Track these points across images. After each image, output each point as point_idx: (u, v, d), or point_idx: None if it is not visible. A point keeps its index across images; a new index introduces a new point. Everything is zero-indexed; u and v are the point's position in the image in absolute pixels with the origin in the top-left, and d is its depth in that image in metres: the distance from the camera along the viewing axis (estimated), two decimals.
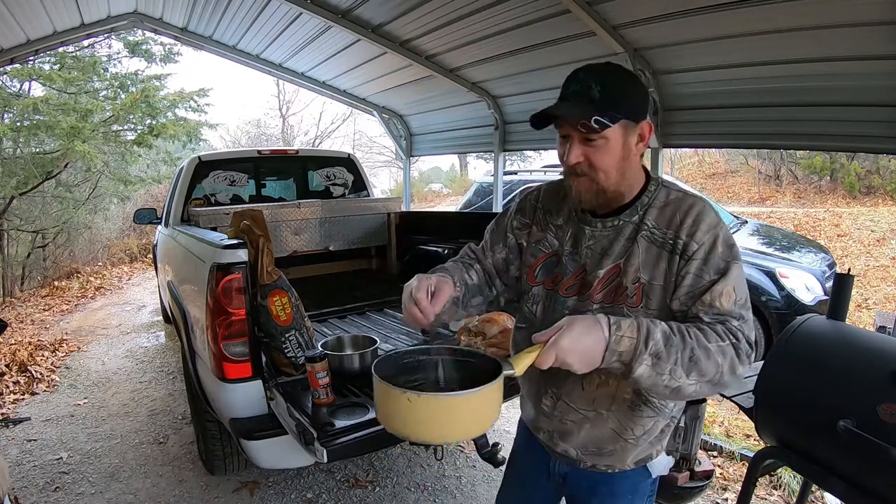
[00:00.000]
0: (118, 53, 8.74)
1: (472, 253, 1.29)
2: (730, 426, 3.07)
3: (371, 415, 1.65)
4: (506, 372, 0.93)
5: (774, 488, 2.51)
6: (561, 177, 1.14)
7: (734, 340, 0.93)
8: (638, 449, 1.13)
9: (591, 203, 1.05)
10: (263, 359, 1.97)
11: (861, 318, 5.49)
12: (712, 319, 0.95)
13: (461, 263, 1.25)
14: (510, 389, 1.41)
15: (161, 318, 5.76)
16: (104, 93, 8.67)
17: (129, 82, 8.58)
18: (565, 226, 1.14)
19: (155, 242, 5.20)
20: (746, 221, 5.27)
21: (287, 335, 1.95)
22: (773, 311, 3.79)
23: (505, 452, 1.82)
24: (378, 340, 2.05)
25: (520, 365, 0.92)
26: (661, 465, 1.19)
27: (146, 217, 4.88)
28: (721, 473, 2.63)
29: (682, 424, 1.84)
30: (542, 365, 0.88)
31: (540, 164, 8.49)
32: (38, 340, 4.99)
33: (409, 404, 0.89)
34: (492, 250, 1.26)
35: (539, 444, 1.25)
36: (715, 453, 2.82)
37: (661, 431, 1.15)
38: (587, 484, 1.20)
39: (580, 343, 0.87)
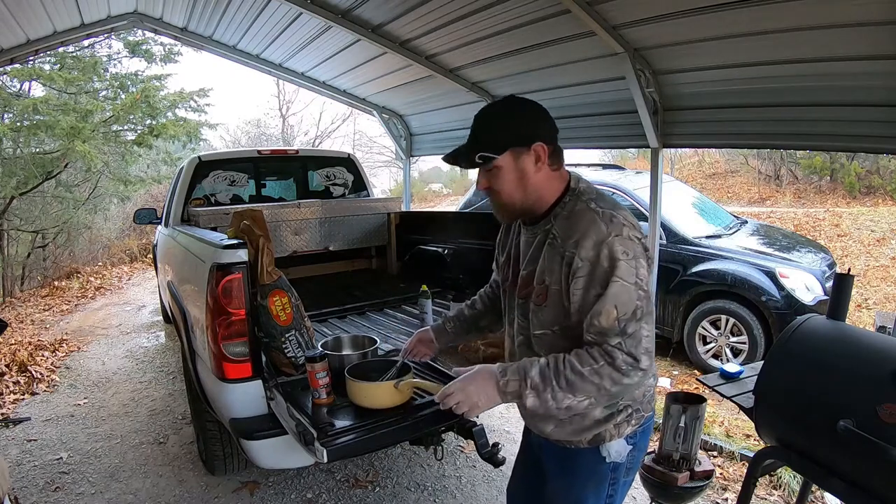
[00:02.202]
0: (118, 53, 8.75)
1: (489, 283, 1.59)
2: (730, 426, 3.07)
3: (371, 415, 1.65)
4: (399, 379, 1.58)
5: (774, 488, 2.51)
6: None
7: (609, 360, 1.05)
8: (578, 425, 1.22)
9: (506, 218, 1.27)
10: (263, 359, 1.97)
11: (861, 318, 5.49)
12: (593, 339, 1.09)
13: (470, 301, 1.60)
14: None
15: (161, 318, 5.76)
16: (104, 93, 8.68)
17: (129, 82, 8.58)
18: (517, 232, 1.32)
19: (155, 242, 5.20)
20: (746, 221, 5.27)
21: (287, 335, 1.95)
22: (773, 311, 3.79)
23: (505, 452, 1.83)
24: (378, 340, 2.04)
25: (418, 382, 1.59)
26: (615, 450, 1.23)
27: (146, 217, 4.88)
28: (721, 473, 2.63)
29: (682, 424, 1.85)
30: (459, 409, 1.15)
31: None
32: (38, 340, 5.00)
33: (351, 385, 1.63)
34: (496, 269, 1.50)
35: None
36: (715, 453, 2.82)
37: (609, 414, 1.21)
38: (555, 457, 1.31)
39: (476, 389, 1.14)
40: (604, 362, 1.05)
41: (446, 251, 3.34)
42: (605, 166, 6.41)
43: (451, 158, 1.23)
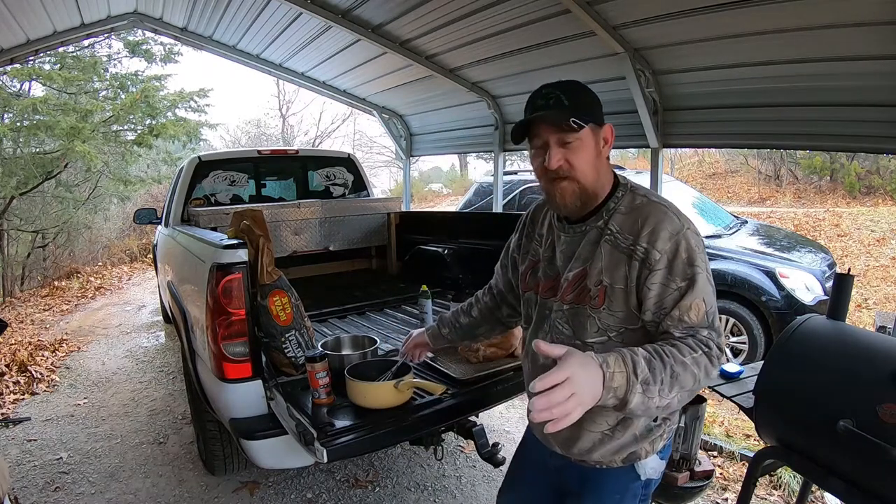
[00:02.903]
0: (118, 53, 8.75)
1: (486, 289, 1.52)
2: (730, 426, 3.07)
3: (371, 415, 1.65)
4: (399, 379, 1.61)
5: (774, 488, 2.51)
6: None
7: (706, 349, 0.99)
8: (617, 443, 1.15)
9: (574, 205, 1.12)
10: (263, 359, 1.97)
11: (861, 318, 5.49)
12: (683, 333, 1.01)
13: (466, 305, 1.55)
14: (513, 388, 1.91)
15: (161, 318, 5.76)
16: (104, 93, 8.67)
17: (129, 82, 8.57)
18: (546, 235, 1.24)
19: (155, 242, 5.20)
20: (746, 221, 5.27)
21: (287, 335, 1.95)
22: (773, 311, 3.79)
23: (505, 452, 1.83)
24: (378, 340, 2.04)
25: (418, 382, 1.66)
26: (650, 467, 1.19)
27: (146, 217, 4.88)
28: (721, 473, 2.63)
29: (681, 424, 1.85)
30: (566, 414, 0.85)
31: None
32: (38, 340, 4.99)
33: (351, 385, 1.65)
34: (502, 275, 1.44)
35: (536, 440, 1.32)
36: (715, 453, 2.82)
37: (649, 430, 1.15)
38: (578, 478, 1.22)
39: (589, 379, 0.88)
40: (701, 352, 0.98)
41: (446, 251, 3.34)
42: None
43: (526, 127, 1.09)
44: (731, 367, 1.81)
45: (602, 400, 0.89)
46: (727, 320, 4.00)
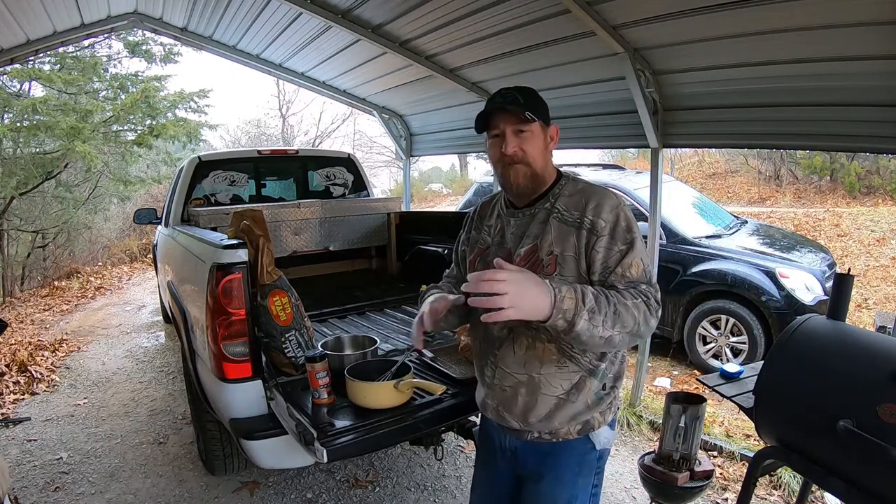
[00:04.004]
0: (118, 54, 8.75)
1: (448, 278, 1.56)
2: (730, 426, 3.07)
3: (371, 415, 1.65)
4: (399, 379, 1.64)
5: (774, 488, 2.51)
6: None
7: (645, 299, 1.15)
8: (572, 409, 1.25)
9: (527, 186, 1.28)
10: (263, 359, 1.97)
11: (861, 318, 5.49)
12: (625, 286, 1.17)
13: (446, 284, 1.53)
14: None
15: (161, 318, 5.76)
16: (104, 93, 8.67)
17: (129, 83, 8.57)
18: (495, 223, 1.38)
19: (155, 242, 5.20)
20: (746, 221, 5.27)
21: (287, 335, 1.95)
22: (773, 311, 3.79)
23: None
24: (378, 340, 2.05)
25: (418, 382, 1.69)
26: (604, 436, 1.30)
27: (146, 217, 4.88)
28: (721, 473, 2.63)
29: (681, 424, 1.85)
30: (494, 301, 0.99)
31: None
32: (38, 340, 5.00)
33: (351, 385, 1.67)
34: (457, 267, 1.54)
35: (493, 425, 1.40)
36: (715, 453, 2.82)
37: (599, 398, 1.27)
38: (534, 458, 1.32)
39: (532, 290, 1.03)
40: (641, 300, 1.14)
41: (446, 251, 3.34)
42: (605, 166, 6.41)
43: (487, 117, 1.27)
44: (731, 367, 1.81)
45: (552, 319, 1.04)
46: (727, 320, 4.00)
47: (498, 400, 1.32)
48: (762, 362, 1.47)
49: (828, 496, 2.28)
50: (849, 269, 1.57)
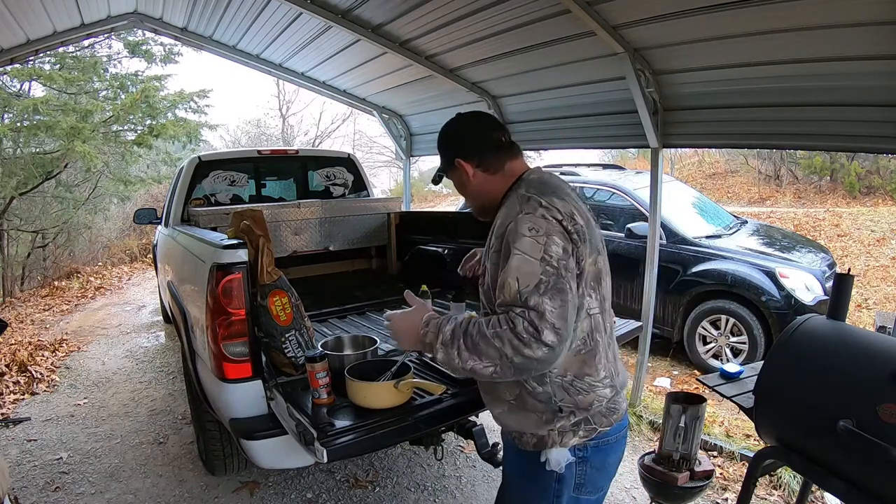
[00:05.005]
0: (118, 54, 8.76)
1: None
2: (730, 426, 3.07)
3: (371, 415, 1.65)
4: (399, 379, 1.64)
5: (774, 488, 2.51)
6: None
7: (510, 325, 1.07)
8: (521, 417, 1.23)
9: (478, 215, 1.42)
10: (263, 359, 1.97)
11: (861, 318, 5.49)
12: (501, 309, 1.13)
13: None
14: None
15: (161, 318, 5.76)
16: (104, 93, 8.67)
17: (129, 83, 8.57)
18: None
19: (155, 242, 5.20)
20: (746, 221, 5.27)
21: (287, 335, 1.95)
22: (773, 311, 3.79)
23: None
24: (378, 340, 2.05)
25: (418, 382, 1.69)
26: (554, 457, 1.21)
27: (146, 217, 4.88)
28: (721, 473, 2.63)
29: (682, 424, 1.85)
30: (386, 327, 1.31)
31: (540, 164, 8.50)
32: (38, 340, 4.99)
33: (351, 385, 1.67)
34: None
35: None
36: (715, 453, 2.82)
37: (553, 414, 1.19)
38: (511, 460, 1.35)
39: (404, 330, 1.26)
40: (506, 327, 1.07)
41: (446, 251, 3.34)
42: (605, 166, 6.41)
43: (434, 180, 1.50)
44: (731, 367, 1.81)
45: (422, 347, 1.21)
46: (727, 320, 4.00)
47: None
48: (762, 362, 1.47)
49: (828, 496, 2.28)
50: (849, 269, 1.57)
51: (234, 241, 1.92)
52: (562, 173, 5.30)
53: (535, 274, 1.08)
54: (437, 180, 1.48)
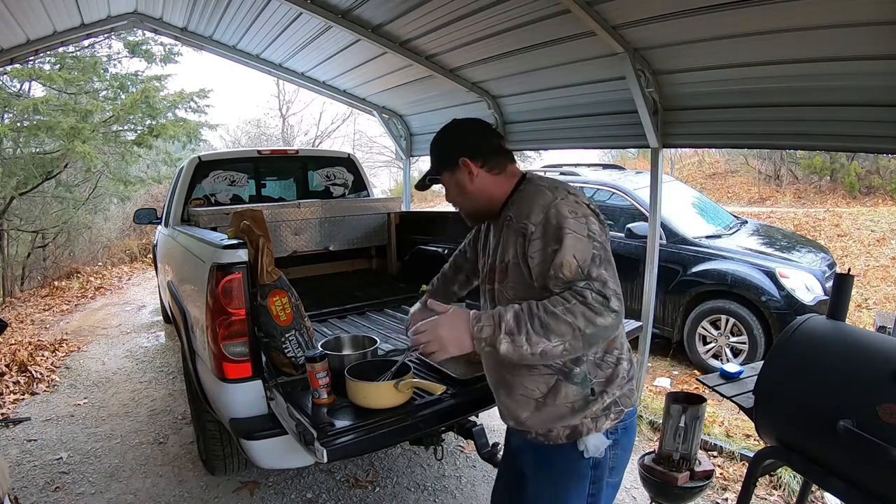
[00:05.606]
0: (118, 54, 8.75)
1: (459, 254, 1.76)
2: (730, 426, 3.07)
3: (371, 415, 1.65)
4: (399, 379, 1.63)
5: (774, 488, 2.51)
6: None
7: (580, 298, 1.10)
8: (554, 412, 1.23)
9: (469, 221, 1.45)
10: (263, 359, 1.97)
11: (861, 318, 5.49)
12: (561, 288, 1.14)
13: (450, 267, 1.77)
14: None
15: (161, 318, 5.76)
16: (104, 93, 8.67)
17: (129, 83, 8.57)
18: (487, 231, 1.45)
19: (155, 242, 5.20)
20: (746, 221, 5.27)
21: (287, 335, 1.95)
22: (773, 311, 3.79)
23: None
24: (378, 340, 2.05)
25: (418, 382, 1.68)
26: (592, 444, 1.24)
27: (146, 217, 4.88)
28: (721, 473, 2.63)
29: (681, 424, 1.85)
30: (426, 349, 1.19)
31: (540, 164, 8.49)
32: (38, 340, 5.00)
33: (351, 385, 1.67)
34: (458, 256, 1.76)
35: (507, 425, 1.43)
36: (715, 453, 2.82)
37: (586, 403, 1.22)
38: (531, 457, 1.33)
39: (450, 331, 1.17)
40: (575, 301, 1.09)
41: (446, 251, 3.34)
42: (605, 166, 6.41)
43: (419, 185, 1.49)
44: (731, 367, 1.81)
45: (476, 347, 1.15)
46: (727, 320, 4.00)
47: (496, 400, 1.38)
48: (762, 362, 1.47)
49: (828, 496, 2.28)
50: (849, 269, 1.57)
51: (234, 241, 1.92)
52: (562, 173, 5.29)
53: (587, 249, 1.14)
54: (423, 186, 1.47)
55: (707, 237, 4.39)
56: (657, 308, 3.95)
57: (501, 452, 1.83)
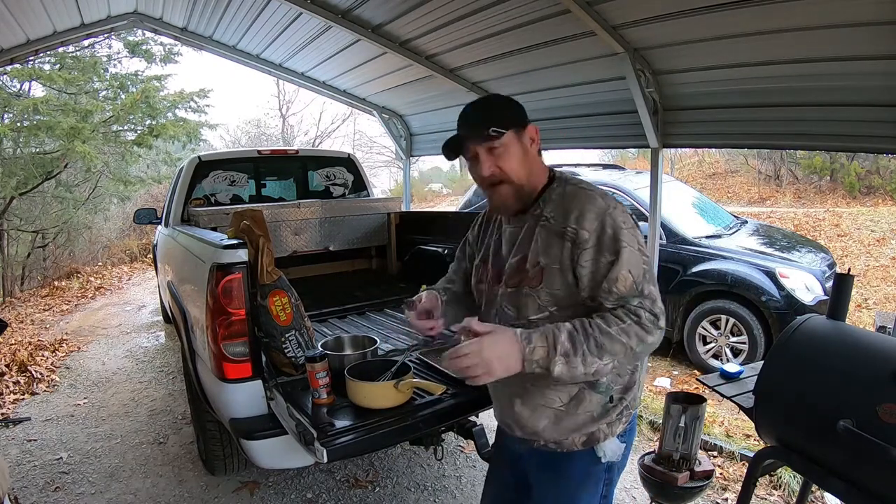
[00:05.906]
0: (118, 54, 8.75)
1: (454, 268, 1.55)
2: (730, 426, 3.07)
3: (371, 415, 1.65)
4: (399, 379, 1.63)
5: (774, 488, 2.51)
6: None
7: (635, 318, 1.08)
8: (574, 421, 1.20)
9: (514, 206, 1.23)
10: (263, 359, 1.97)
11: (861, 318, 5.49)
12: (614, 304, 1.10)
13: (447, 279, 1.53)
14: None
15: (161, 318, 5.76)
16: (104, 93, 8.67)
17: (129, 83, 8.57)
18: (496, 230, 1.35)
19: (155, 242, 5.20)
20: (746, 221, 5.27)
21: (287, 335, 1.95)
22: (773, 311, 3.79)
23: None
24: (378, 340, 2.05)
25: (418, 382, 1.68)
26: (610, 449, 1.22)
27: (146, 217, 4.88)
28: (721, 473, 2.63)
29: (682, 424, 1.85)
30: (470, 374, 1.06)
31: None
32: (38, 340, 4.99)
33: (351, 385, 1.66)
34: (458, 266, 1.52)
35: (503, 430, 1.39)
36: (715, 453, 2.82)
37: (606, 410, 1.20)
38: (540, 466, 1.28)
39: (498, 352, 1.05)
40: (630, 321, 1.07)
41: (446, 251, 3.34)
42: (605, 166, 6.41)
43: (455, 144, 1.21)
44: (731, 367, 1.81)
45: (527, 368, 1.06)
46: (727, 320, 4.00)
47: (501, 407, 1.32)
48: (762, 362, 1.47)
49: (828, 496, 2.28)
50: (849, 269, 1.57)
51: (234, 241, 1.92)
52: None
53: (640, 264, 1.11)
54: (457, 150, 1.22)
55: (707, 237, 4.39)
56: None
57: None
